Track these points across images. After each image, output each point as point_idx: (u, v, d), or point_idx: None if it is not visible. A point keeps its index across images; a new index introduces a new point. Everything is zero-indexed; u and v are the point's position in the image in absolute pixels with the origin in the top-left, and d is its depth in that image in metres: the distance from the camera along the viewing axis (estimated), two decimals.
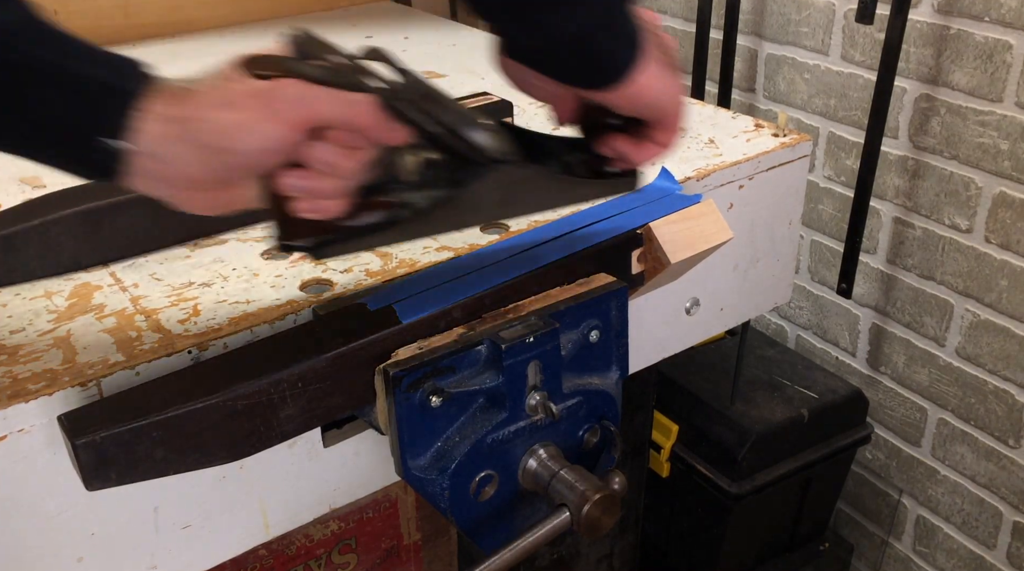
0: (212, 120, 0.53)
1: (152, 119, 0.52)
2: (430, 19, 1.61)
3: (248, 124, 0.53)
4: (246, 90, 0.54)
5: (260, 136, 0.53)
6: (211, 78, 0.55)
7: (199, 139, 0.53)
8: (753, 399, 1.62)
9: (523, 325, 0.69)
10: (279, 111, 0.54)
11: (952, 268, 1.55)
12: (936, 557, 1.75)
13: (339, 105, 0.56)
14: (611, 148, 0.69)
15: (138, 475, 0.58)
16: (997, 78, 1.39)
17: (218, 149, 0.53)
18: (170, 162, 0.53)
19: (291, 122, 0.54)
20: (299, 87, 0.55)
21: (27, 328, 0.69)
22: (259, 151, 0.54)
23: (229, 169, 0.55)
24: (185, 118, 0.53)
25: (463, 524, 0.70)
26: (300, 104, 0.54)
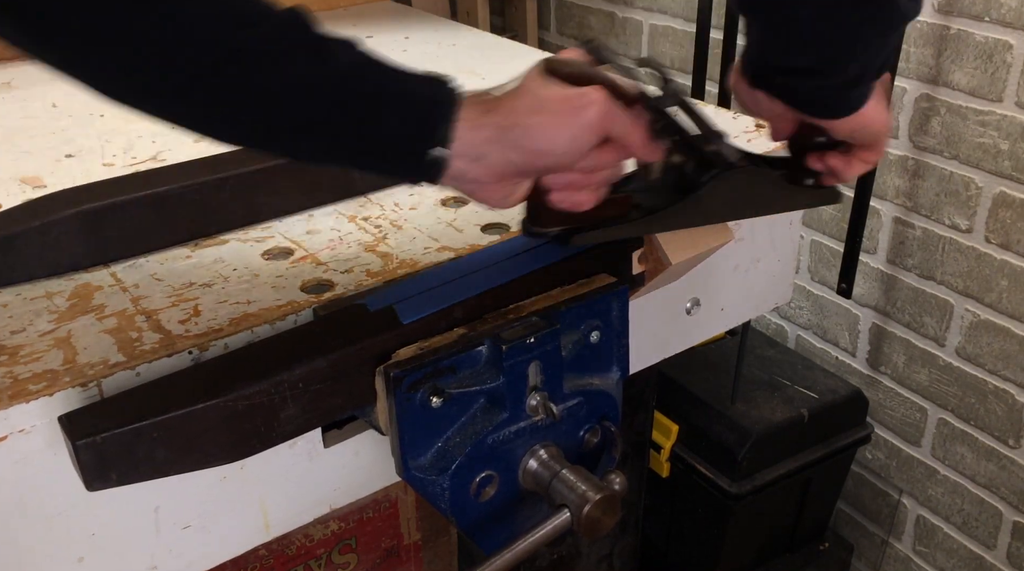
0: (527, 125, 0.59)
1: (471, 127, 0.58)
2: (430, 19, 1.61)
3: (560, 129, 0.59)
4: (555, 96, 0.60)
5: (570, 140, 0.60)
6: (517, 85, 0.62)
7: (516, 142, 0.59)
8: (753, 399, 1.62)
9: (524, 325, 0.69)
10: (587, 119, 0.60)
11: (952, 268, 1.55)
12: (936, 557, 1.75)
13: (627, 122, 0.62)
14: (824, 164, 0.75)
15: (139, 476, 0.58)
16: (997, 78, 1.39)
17: (532, 151, 0.59)
18: (485, 163, 0.59)
19: (595, 130, 0.60)
20: (602, 97, 0.60)
21: (28, 328, 0.69)
22: (566, 153, 0.60)
23: (536, 167, 0.61)
24: (502, 124, 0.59)
25: (463, 524, 0.70)
26: (605, 116, 0.60)
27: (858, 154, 0.74)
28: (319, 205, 0.88)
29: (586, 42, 0.66)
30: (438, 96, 0.58)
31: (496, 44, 1.45)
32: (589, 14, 2.09)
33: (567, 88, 0.61)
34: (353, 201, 0.89)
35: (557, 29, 2.22)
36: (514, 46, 1.43)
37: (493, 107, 0.59)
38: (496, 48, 1.42)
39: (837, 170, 0.75)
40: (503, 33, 2.10)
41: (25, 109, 1.17)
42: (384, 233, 0.83)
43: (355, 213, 0.87)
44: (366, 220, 0.86)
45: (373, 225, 0.85)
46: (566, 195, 0.65)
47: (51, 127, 1.10)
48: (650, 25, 1.94)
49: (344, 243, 0.82)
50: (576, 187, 0.64)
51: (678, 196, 0.74)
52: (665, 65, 0.69)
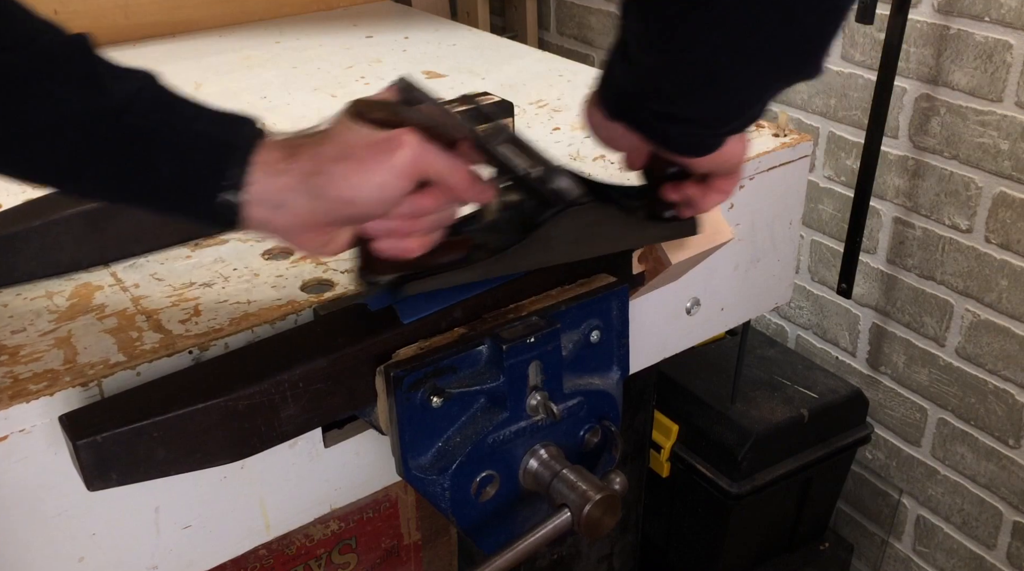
0: (330, 173, 0.55)
1: (269, 173, 0.54)
2: (430, 19, 1.61)
3: (367, 177, 0.55)
4: (363, 141, 0.56)
5: (379, 188, 0.56)
6: (324, 128, 0.58)
7: (319, 190, 0.55)
8: (753, 399, 1.62)
9: (524, 325, 0.69)
10: (395, 165, 0.56)
11: (952, 268, 1.55)
12: (936, 557, 1.75)
13: (446, 164, 0.58)
14: (680, 194, 0.70)
15: (139, 475, 0.58)
16: (997, 78, 1.39)
17: (336, 199, 0.55)
18: (289, 212, 0.55)
19: (405, 175, 0.56)
20: (414, 140, 0.56)
21: (28, 328, 0.69)
22: (376, 201, 0.56)
23: (344, 216, 0.57)
24: (304, 170, 0.55)
25: (464, 524, 0.70)
26: (415, 159, 0.56)
27: (715, 184, 0.70)
28: None
29: (398, 80, 0.62)
30: (233, 137, 0.55)
31: (496, 44, 1.45)
32: (589, 14, 2.09)
33: (375, 132, 0.57)
34: None
35: (557, 29, 2.22)
36: (514, 46, 1.44)
37: (295, 152, 0.55)
38: (496, 48, 1.42)
39: (694, 201, 0.71)
40: (503, 33, 2.10)
41: None
42: None
43: None
44: None
45: None
46: (392, 242, 0.60)
47: None
48: None
49: None
50: (400, 234, 0.60)
51: (521, 235, 0.69)
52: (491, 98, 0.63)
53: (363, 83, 1.25)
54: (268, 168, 0.54)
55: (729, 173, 0.69)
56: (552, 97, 1.16)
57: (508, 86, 1.20)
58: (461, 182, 0.59)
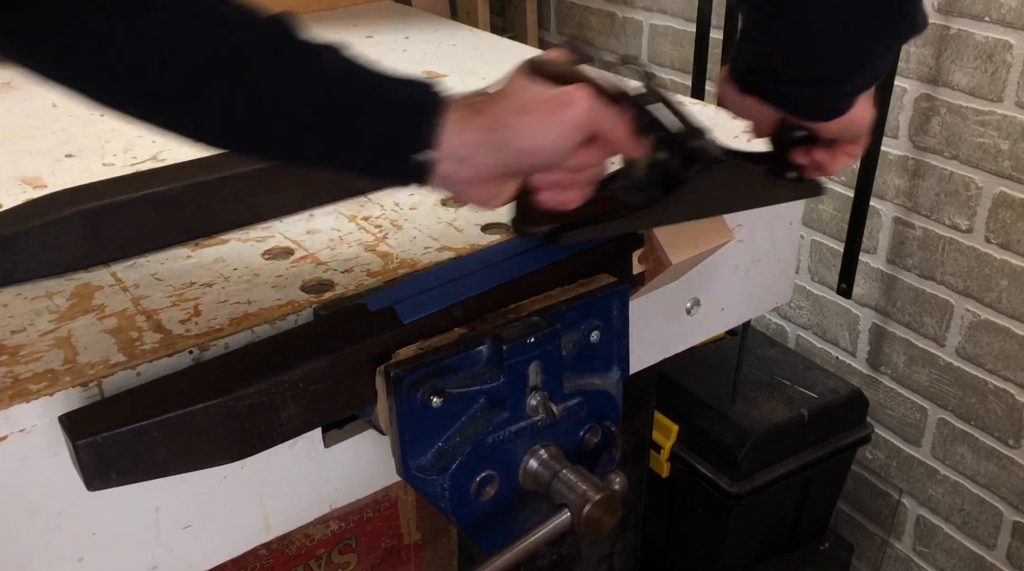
0: (513, 125, 0.59)
1: (458, 130, 0.58)
2: (430, 19, 1.61)
3: (546, 128, 0.60)
4: (541, 96, 0.60)
5: (557, 139, 0.60)
6: (502, 86, 0.62)
7: (503, 143, 0.59)
8: (753, 399, 1.62)
9: (524, 325, 0.69)
10: (572, 118, 0.60)
11: (952, 268, 1.55)
12: (936, 557, 1.75)
13: (612, 120, 0.62)
14: (809, 159, 0.75)
15: (139, 475, 0.58)
16: (997, 78, 1.39)
17: (518, 151, 0.60)
18: (473, 165, 0.60)
19: (581, 128, 0.61)
20: (586, 95, 0.60)
21: (28, 328, 0.69)
22: (553, 152, 0.61)
23: (523, 167, 0.62)
24: (488, 126, 0.59)
25: (464, 524, 0.70)
26: (590, 114, 0.60)
27: (842, 148, 0.75)
28: (319, 205, 0.88)
29: (568, 41, 0.68)
30: (422, 100, 0.59)
31: (496, 44, 1.45)
32: (589, 14, 2.09)
33: (551, 87, 0.61)
34: (353, 201, 0.89)
35: (557, 29, 2.22)
36: (514, 46, 1.43)
37: (478, 109, 0.60)
38: (496, 48, 1.42)
39: (822, 164, 0.76)
40: (503, 33, 2.10)
41: (25, 109, 1.17)
42: (384, 233, 0.83)
43: (355, 213, 0.87)
44: (366, 220, 0.86)
45: (373, 225, 0.85)
46: (553, 194, 0.65)
47: (51, 127, 1.10)
48: (650, 25, 1.94)
49: (344, 243, 0.82)
50: (563, 186, 0.65)
51: (663, 192, 0.74)
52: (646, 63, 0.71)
53: None
54: (456, 126, 0.58)
55: (855, 138, 0.74)
56: None
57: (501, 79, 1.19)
58: (623, 137, 0.64)
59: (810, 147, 0.75)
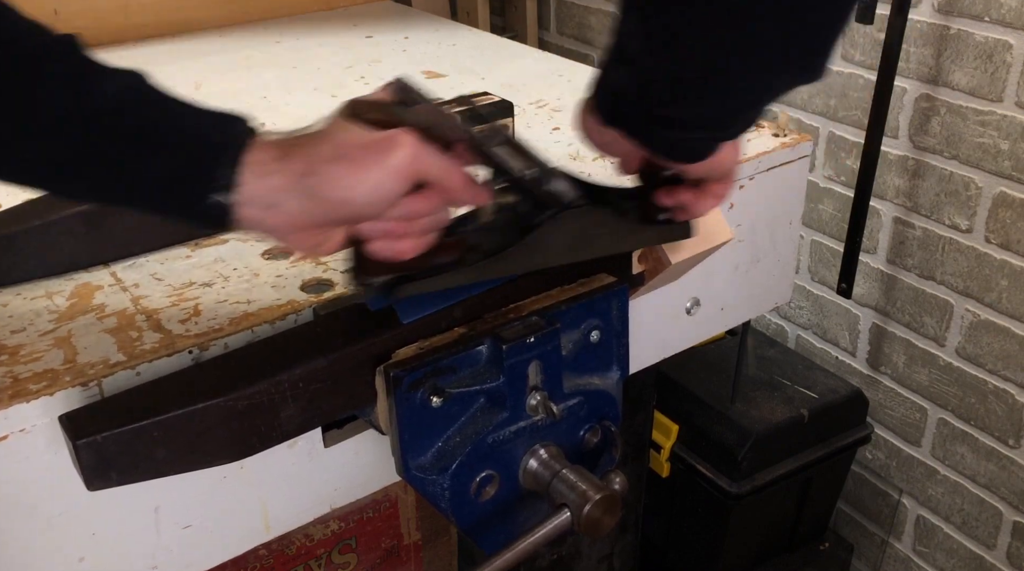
0: (324, 173, 0.54)
1: (262, 173, 0.54)
2: (430, 19, 1.61)
3: (360, 176, 0.54)
4: (359, 141, 0.55)
5: (373, 188, 0.55)
6: (318, 128, 0.57)
7: (313, 191, 0.54)
8: (753, 399, 1.62)
9: (524, 325, 0.69)
10: (392, 165, 0.55)
11: (952, 268, 1.55)
12: (936, 557, 1.75)
13: (443, 166, 0.58)
14: (674, 199, 0.70)
15: (139, 475, 0.58)
16: (997, 78, 1.39)
17: (330, 200, 0.54)
18: (281, 212, 0.55)
19: (403, 176, 0.55)
20: (411, 141, 0.56)
21: (28, 328, 0.69)
22: (372, 202, 0.56)
23: (338, 217, 0.56)
24: (296, 171, 0.54)
25: (464, 524, 0.70)
26: (413, 161, 0.56)
27: (709, 189, 0.69)
28: None
29: (395, 80, 0.61)
30: (223, 137, 0.54)
31: (496, 44, 1.45)
32: (589, 14, 2.09)
33: (371, 132, 0.56)
34: None
35: (557, 29, 2.22)
36: (514, 46, 1.43)
37: (288, 152, 0.55)
38: (496, 48, 1.42)
39: (689, 205, 0.70)
40: (503, 33, 2.10)
41: None
42: None
43: None
44: None
45: None
46: (385, 244, 0.59)
47: None
48: None
49: None
50: (395, 236, 0.59)
51: (517, 237, 0.68)
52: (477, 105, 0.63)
53: (363, 83, 1.25)
54: (260, 168, 0.53)
55: (723, 178, 0.69)
56: (552, 97, 1.16)
57: (508, 86, 1.20)
58: (457, 184, 0.59)
59: (676, 188, 0.69)
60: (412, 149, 0.56)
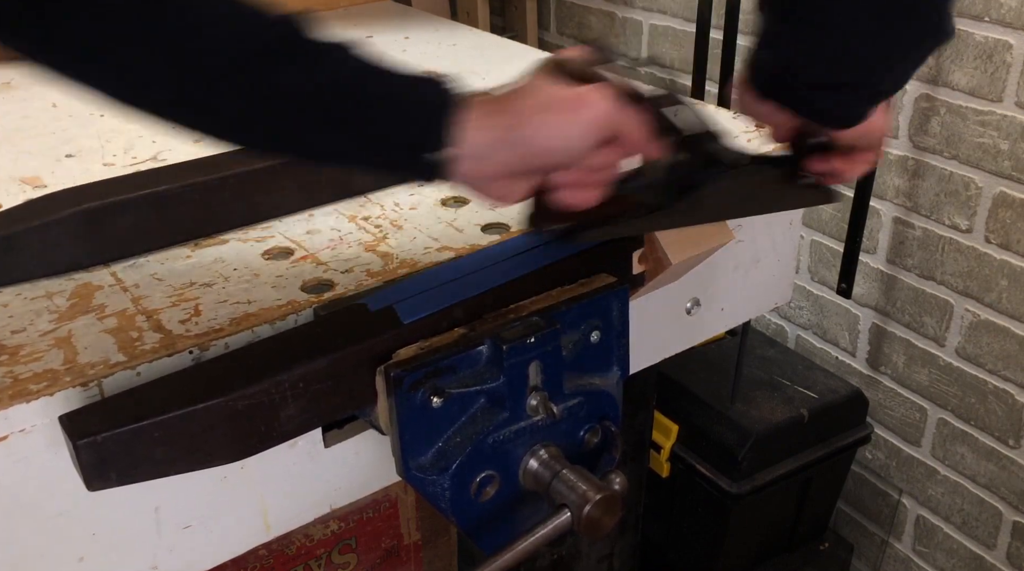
0: (532, 124, 0.59)
1: (477, 127, 0.58)
2: (430, 19, 1.61)
3: (565, 127, 0.60)
4: (560, 95, 0.60)
5: (576, 138, 0.60)
6: (521, 84, 0.62)
7: (522, 141, 0.59)
8: (753, 399, 1.62)
9: (524, 325, 0.69)
10: (592, 117, 0.60)
11: (952, 268, 1.55)
12: (936, 557, 1.75)
13: (631, 120, 0.63)
14: (826, 166, 0.76)
15: (139, 475, 0.58)
16: (997, 78, 1.39)
17: (538, 149, 0.60)
18: (492, 162, 0.60)
19: (600, 128, 0.61)
20: (606, 96, 0.61)
21: (28, 328, 0.69)
22: (572, 151, 0.61)
23: (541, 165, 0.62)
24: (507, 124, 0.59)
25: (464, 524, 0.70)
26: (609, 114, 0.61)
27: (859, 156, 0.75)
28: (319, 205, 0.88)
29: (590, 41, 0.68)
30: (440, 98, 0.58)
31: (496, 44, 1.45)
32: (589, 14, 2.09)
33: (572, 87, 0.61)
34: (353, 201, 0.89)
35: (557, 29, 2.22)
36: (514, 46, 1.43)
37: (498, 107, 0.60)
38: (496, 48, 1.42)
39: (839, 172, 0.76)
40: (503, 33, 2.10)
41: (25, 109, 1.17)
42: (384, 233, 0.83)
43: (355, 213, 0.87)
44: (366, 220, 0.86)
45: (373, 225, 0.85)
46: (570, 193, 0.65)
47: (51, 127, 1.10)
48: (650, 25, 1.94)
49: (344, 243, 0.82)
50: (580, 185, 0.65)
51: (679, 194, 0.74)
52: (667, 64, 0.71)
53: None
54: (475, 123, 0.58)
55: (872, 146, 0.74)
56: None
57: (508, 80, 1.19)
58: (641, 138, 0.64)
59: (827, 154, 0.75)
60: (609, 103, 0.60)
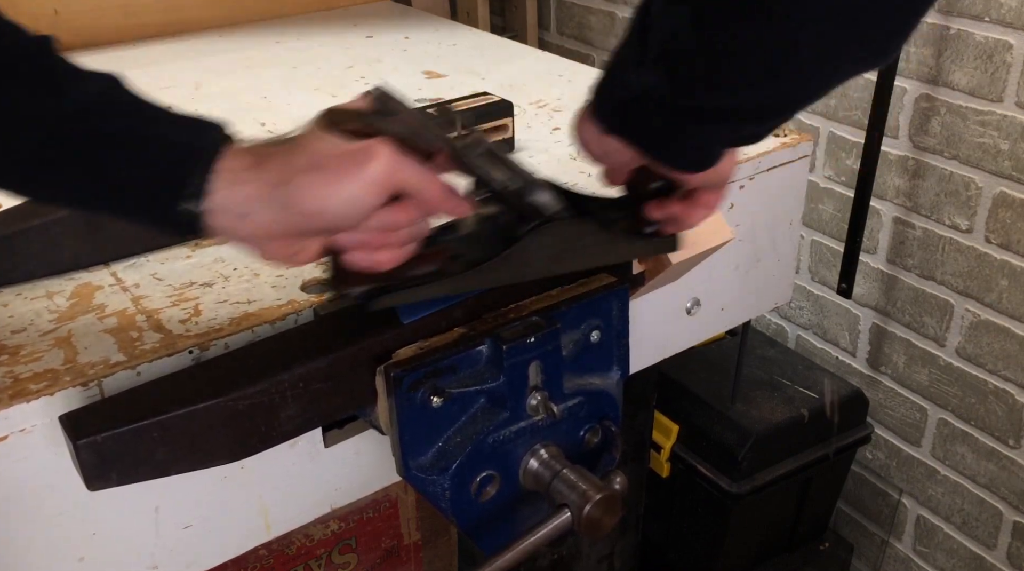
0: (297, 183, 0.53)
1: (234, 181, 0.53)
2: (430, 19, 1.61)
3: (335, 187, 0.53)
4: (335, 151, 0.54)
5: (349, 200, 0.54)
6: (294, 136, 0.56)
7: (286, 202, 0.53)
8: (753, 399, 1.62)
9: (524, 325, 0.69)
10: (368, 176, 0.54)
11: (952, 268, 1.55)
12: (936, 557, 1.75)
13: (421, 177, 0.57)
14: (664, 212, 0.68)
15: (139, 475, 0.58)
16: (997, 78, 1.39)
17: (303, 212, 0.54)
18: (254, 222, 0.54)
19: (379, 187, 0.55)
20: (388, 151, 0.55)
21: (28, 328, 0.69)
22: (345, 214, 0.55)
23: (312, 228, 0.55)
24: (270, 181, 0.53)
25: (464, 524, 0.70)
26: (390, 170, 0.55)
27: (701, 199, 0.67)
28: None
29: (373, 90, 0.60)
30: (196, 143, 0.53)
31: (496, 44, 1.45)
32: (589, 14, 2.09)
33: (348, 142, 0.55)
34: None
35: (557, 29, 2.22)
36: (514, 46, 1.44)
37: (262, 161, 0.54)
38: (496, 48, 1.42)
39: (679, 218, 0.68)
40: (503, 33, 2.10)
41: None
42: None
43: None
44: None
45: None
46: (363, 255, 0.58)
47: None
48: None
49: None
50: (372, 247, 0.58)
51: (503, 245, 0.67)
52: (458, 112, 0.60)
53: (363, 83, 1.25)
54: (232, 176, 0.53)
55: (716, 187, 0.67)
56: (552, 97, 1.16)
57: (508, 86, 1.20)
58: (436, 195, 0.58)
59: (665, 200, 0.67)
60: (388, 160, 0.55)
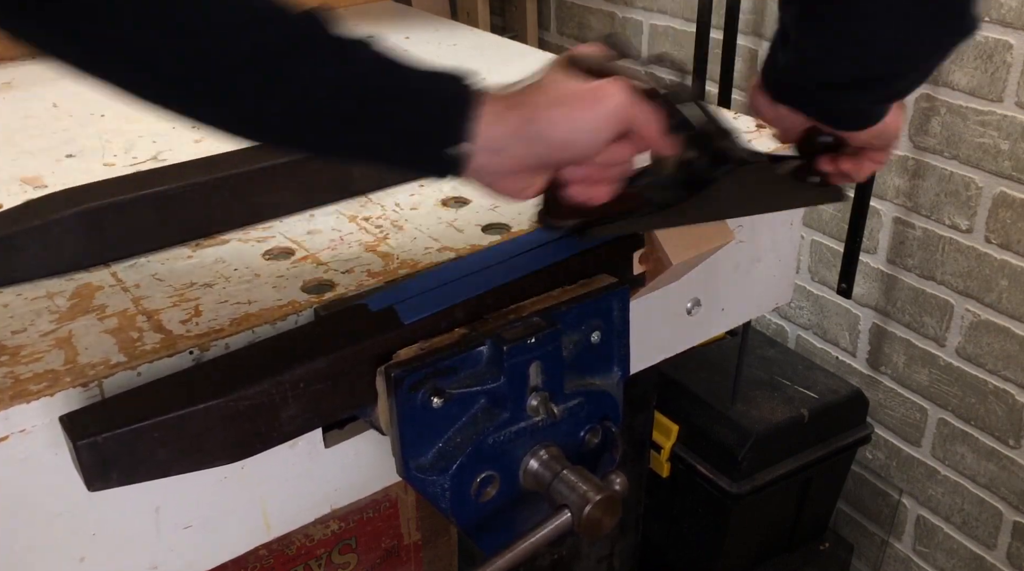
0: (548, 118, 0.59)
1: (493, 122, 0.58)
2: (430, 19, 1.61)
3: (581, 121, 0.60)
4: (576, 90, 0.61)
5: (591, 132, 0.60)
6: (539, 78, 0.62)
7: (538, 135, 0.59)
8: (753, 399, 1.62)
9: (525, 326, 0.69)
10: (607, 112, 0.60)
11: (952, 268, 1.55)
12: (936, 557, 1.75)
13: (645, 116, 0.63)
14: (835, 166, 0.76)
15: (139, 476, 0.58)
16: (997, 78, 1.39)
17: (553, 143, 0.60)
18: (508, 156, 0.60)
19: (615, 123, 0.61)
20: (621, 90, 0.61)
21: (28, 328, 0.69)
22: (586, 145, 0.61)
23: (556, 159, 0.62)
24: (524, 117, 0.59)
25: (464, 524, 0.70)
26: (625, 108, 0.61)
27: (869, 156, 0.75)
28: (319, 205, 0.88)
29: (607, 36, 0.66)
30: (457, 92, 0.59)
31: (496, 44, 1.45)
32: (589, 14, 2.09)
33: (588, 81, 0.61)
34: (354, 201, 0.89)
35: (557, 29, 2.22)
36: (514, 46, 1.43)
37: (514, 101, 0.60)
38: (496, 48, 1.42)
39: (848, 172, 0.76)
40: (503, 33, 2.10)
41: (25, 109, 1.17)
42: (385, 233, 0.83)
43: (356, 213, 0.87)
44: (367, 220, 0.86)
45: (374, 225, 0.85)
46: (583, 189, 0.65)
47: (51, 127, 1.10)
48: (650, 25, 1.94)
49: (345, 243, 0.82)
50: (593, 181, 0.65)
51: (688, 191, 0.74)
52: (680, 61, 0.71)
53: None
54: (491, 118, 0.58)
55: (884, 145, 0.74)
56: None
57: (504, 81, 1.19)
58: (655, 133, 0.64)
59: (836, 155, 0.75)
60: (624, 97, 0.61)
